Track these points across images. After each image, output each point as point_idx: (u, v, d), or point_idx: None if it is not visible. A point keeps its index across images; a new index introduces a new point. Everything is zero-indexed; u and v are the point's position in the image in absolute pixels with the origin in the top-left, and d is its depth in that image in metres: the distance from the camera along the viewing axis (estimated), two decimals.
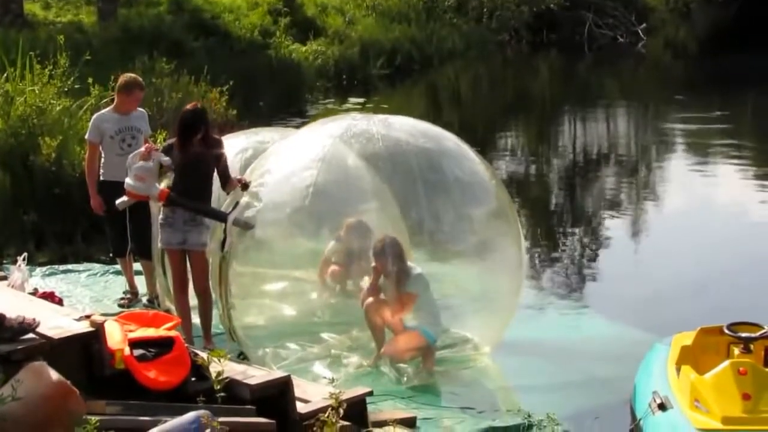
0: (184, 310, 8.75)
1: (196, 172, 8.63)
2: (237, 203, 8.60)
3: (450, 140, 9.42)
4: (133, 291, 10.14)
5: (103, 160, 9.89)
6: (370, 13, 34.17)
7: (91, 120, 10.19)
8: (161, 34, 25.07)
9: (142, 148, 8.74)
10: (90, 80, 14.06)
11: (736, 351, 7.11)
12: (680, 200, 16.69)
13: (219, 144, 8.80)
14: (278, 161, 8.96)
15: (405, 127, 9.26)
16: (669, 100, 28.38)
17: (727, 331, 7.16)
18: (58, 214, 12.67)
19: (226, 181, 8.76)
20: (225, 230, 8.50)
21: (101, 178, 9.88)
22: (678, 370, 7.06)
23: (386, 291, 8.68)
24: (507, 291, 9.28)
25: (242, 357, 8.50)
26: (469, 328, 9.20)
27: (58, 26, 25.04)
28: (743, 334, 7.11)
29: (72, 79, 14.34)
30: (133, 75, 10.31)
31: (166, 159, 8.61)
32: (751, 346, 7.09)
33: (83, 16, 27.33)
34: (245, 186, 8.67)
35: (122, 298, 10.08)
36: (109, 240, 10.25)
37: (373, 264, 8.68)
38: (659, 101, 28.71)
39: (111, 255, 10.45)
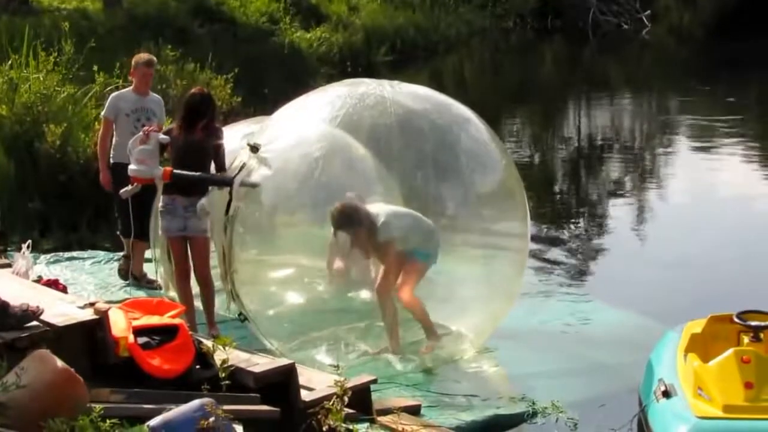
0: (186, 298, 8.77)
1: (196, 157, 8.62)
2: (243, 165, 8.54)
3: (462, 111, 9.25)
4: (140, 275, 10.22)
5: (114, 141, 9.95)
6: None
7: (109, 98, 10.30)
8: (167, 21, 25.04)
9: (140, 133, 8.74)
10: (95, 68, 14.08)
11: (746, 339, 7.10)
12: (687, 187, 16.67)
13: (219, 134, 8.80)
14: (287, 130, 8.84)
15: (418, 98, 9.10)
16: (673, 87, 28.36)
17: (736, 320, 7.15)
18: (62, 201, 12.68)
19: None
20: (230, 193, 8.49)
21: (112, 160, 9.96)
22: (686, 357, 7.06)
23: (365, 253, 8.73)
24: (510, 275, 9.21)
25: (243, 318, 8.58)
26: (471, 313, 9.11)
27: (63, 13, 25.02)
28: (753, 323, 7.09)
29: (77, 66, 14.34)
30: (141, 53, 10.48)
31: (164, 137, 8.63)
32: (761, 335, 7.08)
33: (88, 3, 27.29)
34: (255, 149, 8.54)
35: (147, 281, 10.19)
36: (119, 220, 10.26)
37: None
38: (664, 87, 28.68)
39: (119, 233, 10.41)
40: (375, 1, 33.99)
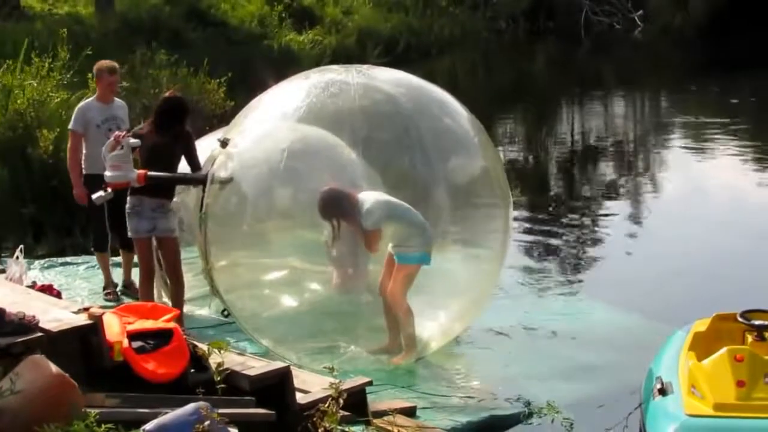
0: (147, 300, 8.78)
1: (163, 159, 8.71)
2: (214, 161, 8.61)
3: (437, 94, 9.17)
4: (114, 285, 10.14)
5: (85, 152, 9.82)
6: (367, 2, 34.17)
7: (75, 110, 10.14)
8: (160, 25, 25.03)
9: (111, 139, 8.74)
10: (88, 74, 14.03)
11: (750, 338, 7.09)
12: (683, 185, 16.64)
13: (190, 138, 8.91)
14: (255, 124, 8.86)
15: (388, 83, 9.00)
16: (666, 86, 28.43)
17: (740, 319, 7.13)
18: (56, 206, 12.65)
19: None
20: (203, 190, 8.54)
21: (84, 171, 9.82)
22: (687, 356, 7.05)
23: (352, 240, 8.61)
24: (493, 258, 9.09)
25: (226, 314, 8.71)
26: (454, 299, 8.99)
27: (55, 18, 25.01)
28: (757, 322, 7.07)
29: (72, 72, 14.33)
30: (103, 60, 10.28)
31: (134, 141, 8.66)
32: (766, 334, 7.06)
33: (80, 8, 27.29)
34: (224, 143, 8.62)
35: (108, 293, 10.04)
36: (93, 234, 10.22)
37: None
38: (656, 87, 28.72)
39: (92, 249, 10.35)
40: (368, 4, 34.02)
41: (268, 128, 8.77)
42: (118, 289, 10.13)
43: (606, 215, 14.70)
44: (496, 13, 39.59)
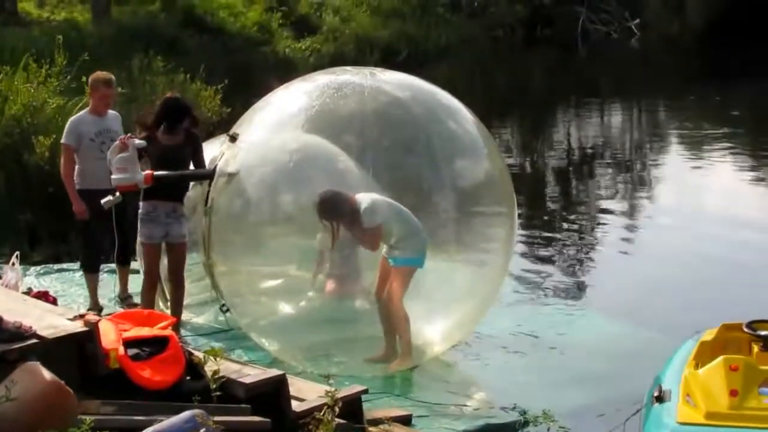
0: (150, 306, 8.79)
1: (174, 162, 8.72)
2: (222, 155, 8.63)
3: (447, 99, 9.15)
4: (100, 308, 9.70)
5: (78, 167, 9.54)
6: (365, 10, 34.26)
7: (68, 123, 9.82)
8: (156, 32, 25.06)
9: (117, 141, 8.71)
10: (84, 79, 14.04)
11: (756, 349, 7.08)
12: (683, 194, 16.67)
13: (198, 140, 8.96)
14: (265, 122, 8.88)
15: (400, 86, 8.98)
16: (663, 94, 28.45)
17: (746, 330, 7.12)
18: (52, 213, 12.65)
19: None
20: (210, 184, 8.56)
21: (77, 186, 9.52)
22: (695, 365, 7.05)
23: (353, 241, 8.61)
24: (495, 269, 9.07)
25: (225, 309, 8.70)
26: (455, 307, 8.93)
27: (52, 24, 25.04)
28: (763, 332, 7.06)
29: (69, 78, 14.35)
30: (99, 72, 10.00)
31: (140, 142, 8.64)
32: None
33: (77, 15, 27.32)
34: (233, 138, 8.65)
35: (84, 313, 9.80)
36: (82, 253, 9.97)
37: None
38: (653, 95, 28.75)
39: (81, 268, 10.07)
40: (365, 12, 34.08)
41: (276, 129, 8.77)
42: (114, 300, 9.95)
43: (604, 225, 14.69)
44: (494, 21, 39.66)
